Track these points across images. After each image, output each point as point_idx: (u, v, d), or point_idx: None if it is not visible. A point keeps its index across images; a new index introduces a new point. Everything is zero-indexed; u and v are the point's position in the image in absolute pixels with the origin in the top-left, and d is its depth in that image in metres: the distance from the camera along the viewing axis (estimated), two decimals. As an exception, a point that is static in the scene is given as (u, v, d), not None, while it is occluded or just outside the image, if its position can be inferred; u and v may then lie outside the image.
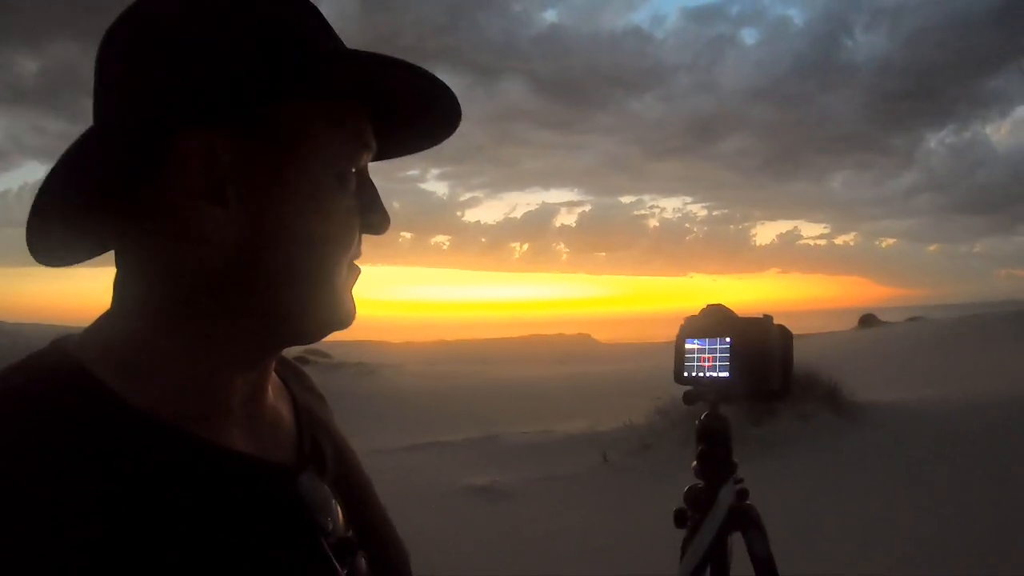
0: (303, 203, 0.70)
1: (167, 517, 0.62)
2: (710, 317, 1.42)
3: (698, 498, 1.38)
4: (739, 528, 1.38)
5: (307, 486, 0.75)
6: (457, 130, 0.82)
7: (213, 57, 0.67)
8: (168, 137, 0.66)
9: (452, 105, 0.77)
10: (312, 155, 0.70)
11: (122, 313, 0.72)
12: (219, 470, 0.69)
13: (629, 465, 10.20)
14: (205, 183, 0.67)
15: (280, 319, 0.73)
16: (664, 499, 1.57)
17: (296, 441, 0.81)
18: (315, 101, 0.71)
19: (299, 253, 0.70)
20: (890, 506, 7.62)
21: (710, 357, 1.39)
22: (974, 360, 18.18)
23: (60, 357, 0.69)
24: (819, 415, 10.68)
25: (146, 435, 0.65)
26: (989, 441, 9.30)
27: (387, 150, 0.82)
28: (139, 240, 0.70)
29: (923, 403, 11.73)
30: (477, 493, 9.12)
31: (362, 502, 0.85)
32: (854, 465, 9.22)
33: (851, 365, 13.21)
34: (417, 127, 0.81)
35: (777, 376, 1.37)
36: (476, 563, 6.63)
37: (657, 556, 2.27)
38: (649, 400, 11.20)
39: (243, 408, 0.75)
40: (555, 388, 20.88)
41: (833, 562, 6.09)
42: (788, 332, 1.40)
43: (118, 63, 0.70)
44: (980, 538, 6.45)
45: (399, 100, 0.75)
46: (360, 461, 0.92)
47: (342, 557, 0.74)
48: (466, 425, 14.33)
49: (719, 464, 1.40)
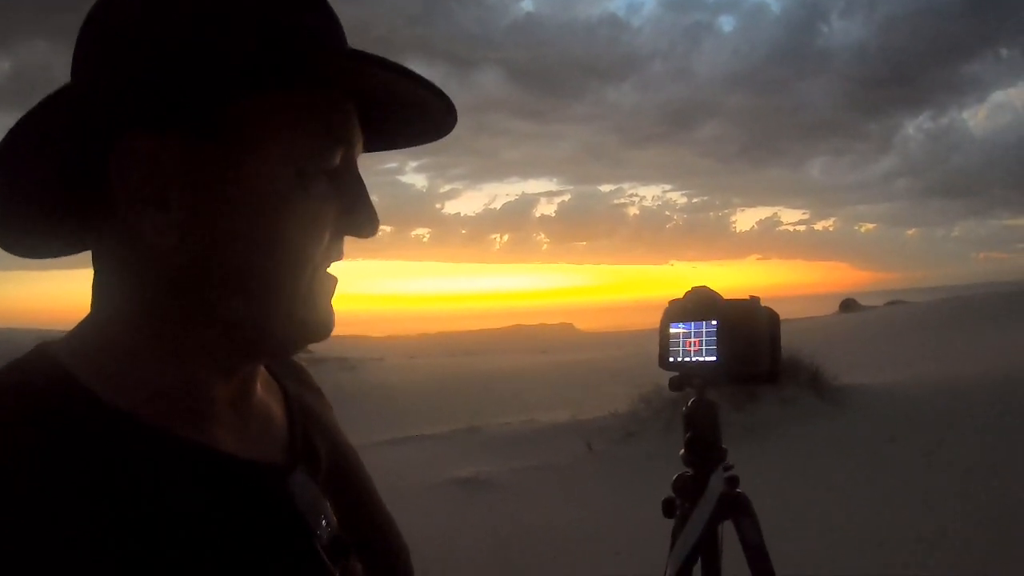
0: (253, 206, 0.66)
1: (152, 519, 0.61)
2: (695, 300, 1.38)
3: (687, 487, 1.35)
4: (730, 516, 1.34)
5: (297, 485, 0.73)
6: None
7: (158, 58, 0.64)
8: (108, 140, 0.64)
9: (444, 107, 0.73)
10: (267, 154, 0.66)
11: (102, 316, 0.71)
12: (205, 471, 0.67)
13: (613, 453, 10.23)
14: (148, 187, 0.65)
15: (241, 328, 0.69)
16: (650, 487, 1.54)
17: (288, 440, 0.79)
18: (277, 94, 0.67)
19: (252, 259, 0.66)
20: (873, 488, 7.67)
21: (696, 341, 1.35)
22: (954, 342, 18.37)
23: (43, 361, 0.68)
24: (802, 399, 10.74)
25: (130, 438, 0.64)
26: (970, 422, 9.39)
27: (377, 143, 0.79)
28: (104, 240, 0.70)
29: (905, 386, 11.83)
30: (462, 485, 9.12)
31: (360, 500, 0.84)
32: (837, 448, 9.27)
33: (833, 349, 13.29)
34: (407, 127, 0.78)
35: (766, 359, 1.34)
36: (462, 555, 6.62)
37: (644, 544, 2.25)
38: (632, 388, 11.23)
39: (231, 408, 0.73)
40: (538, 378, 20.95)
41: (818, 544, 6.12)
42: (775, 314, 1.37)
43: (74, 63, 0.69)
44: (962, 517, 6.50)
45: (382, 99, 0.71)
46: (359, 457, 0.91)
47: (335, 557, 0.72)
48: (450, 417, 14.34)
49: (708, 451, 1.36)
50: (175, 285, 0.67)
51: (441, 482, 9.25)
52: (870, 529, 6.54)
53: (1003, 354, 14.20)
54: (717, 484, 1.33)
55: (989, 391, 10.68)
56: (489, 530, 7.40)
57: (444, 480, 9.32)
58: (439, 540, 6.73)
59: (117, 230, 0.67)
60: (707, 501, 1.31)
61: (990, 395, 10.45)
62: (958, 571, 5.59)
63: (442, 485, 9.14)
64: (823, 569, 5.69)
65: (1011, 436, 8.58)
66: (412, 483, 8.78)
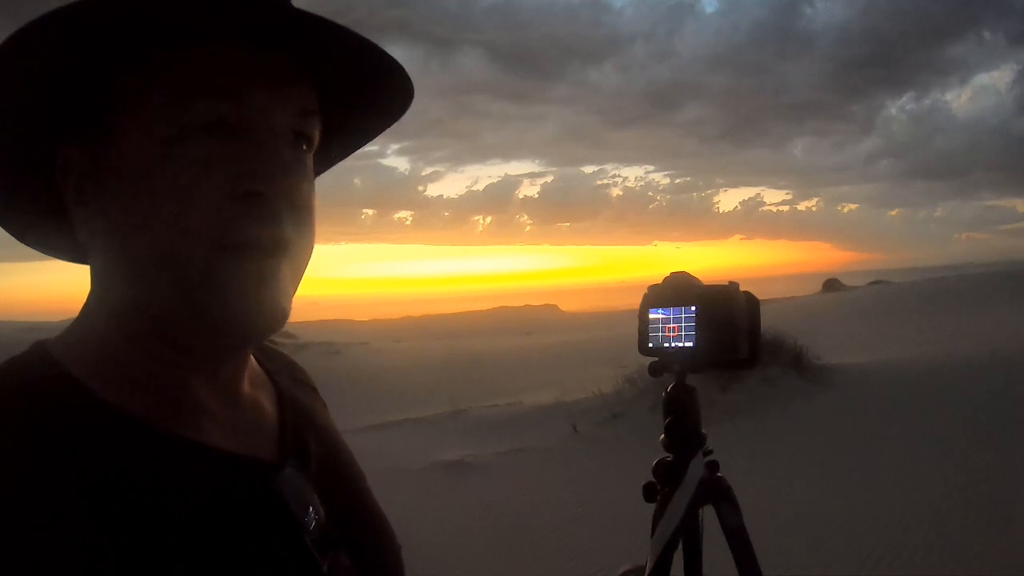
0: (128, 188, 0.65)
1: (144, 514, 0.62)
2: (674, 285, 1.37)
3: (668, 472, 1.35)
4: (710, 501, 1.35)
5: (287, 481, 0.73)
6: (413, 104, 0.76)
7: (41, 77, 0.64)
8: (36, 154, 0.68)
9: (388, 66, 0.70)
10: (129, 130, 0.65)
11: (93, 312, 0.72)
12: (195, 466, 0.68)
13: (599, 435, 10.27)
14: (70, 191, 0.68)
15: (177, 319, 0.67)
16: (635, 468, 1.54)
17: (278, 435, 0.79)
18: (146, 66, 0.64)
19: (146, 244, 0.65)
20: (855, 466, 7.74)
21: (675, 327, 1.35)
22: (937, 322, 18.53)
23: (39, 358, 0.69)
24: (785, 379, 10.82)
25: (122, 433, 0.65)
26: (952, 400, 9.49)
27: (346, 133, 0.79)
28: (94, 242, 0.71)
29: (887, 365, 11.92)
30: (448, 468, 9.14)
31: (351, 496, 0.84)
32: (821, 427, 9.35)
33: (816, 329, 13.40)
34: (369, 104, 0.76)
35: (745, 344, 1.33)
36: (449, 538, 6.64)
37: (629, 525, 2.25)
38: (616, 369, 11.27)
39: (220, 404, 0.73)
40: (523, 360, 21.00)
41: (802, 525, 6.17)
42: (755, 299, 1.36)
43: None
44: (946, 495, 6.57)
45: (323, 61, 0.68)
46: (352, 453, 0.91)
47: (323, 551, 0.72)
48: (435, 401, 14.37)
49: (688, 436, 1.36)
50: (120, 280, 0.69)
51: (427, 466, 9.27)
52: (852, 507, 6.59)
53: (985, 333, 14.35)
54: (697, 469, 1.33)
55: (972, 370, 10.79)
56: (475, 513, 7.43)
57: (430, 463, 9.33)
58: (425, 523, 6.75)
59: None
60: (687, 486, 1.31)
61: (973, 374, 10.56)
62: (939, 548, 5.65)
63: (428, 468, 9.16)
64: (805, 548, 5.74)
65: (993, 415, 8.68)
66: (398, 467, 8.80)
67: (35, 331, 2.61)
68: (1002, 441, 7.79)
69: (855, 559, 5.63)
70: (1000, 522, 5.89)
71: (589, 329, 33.14)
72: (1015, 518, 5.89)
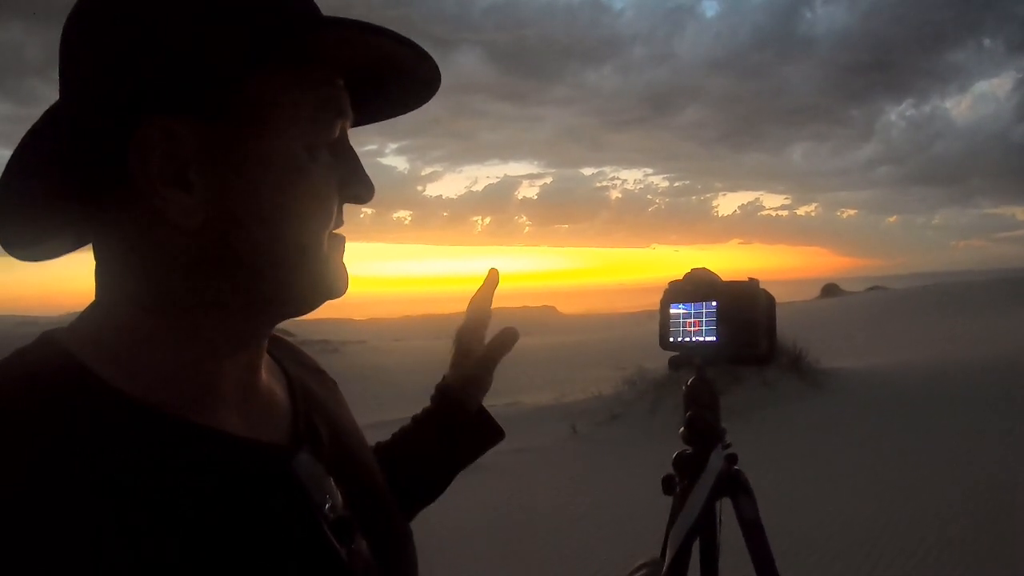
0: (272, 180, 0.68)
1: (162, 503, 0.62)
2: (695, 281, 1.40)
3: (687, 464, 1.37)
4: (728, 494, 1.37)
5: (303, 466, 0.74)
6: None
7: (169, 43, 0.64)
8: (125, 127, 0.65)
9: (432, 74, 0.76)
10: (279, 130, 0.68)
11: (108, 303, 0.71)
12: (214, 454, 0.68)
13: (598, 436, 10.27)
14: (168, 169, 0.66)
15: (264, 299, 0.71)
16: (634, 468, 1.56)
17: (291, 421, 0.80)
18: (283, 72, 0.68)
19: (273, 232, 0.69)
20: (853, 469, 7.75)
21: (696, 321, 1.37)
22: (934, 328, 18.53)
23: (50, 349, 0.68)
24: (784, 382, 10.83)
25: (139, 422, 0.65)
26: (950, 405, 9.50)
27: (364, 116, 0.80)
28: (116, 230, 0.70)
29: (885, 369, 11.95)
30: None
31: (364, 481, 0.84)
32: (819, 430, 9.37)
33: (814, 333, 13.38)
34: (393, 95, 0.80)
35: (764, 340, 1.36)
36: (449, 537, 6.64)
37: (628, 525, 2.27)
38: (615, 370, 11.28)
39: (237, 390, 0.74)
40: (521, 360, 20.90)
41: (799, 526, 6.17)
42: (772, 296, 1.39)
43: (77, 48, 0.69)
44: (942, 500, 6.58)
45: (378, 69, 0.74)
46: (364, 439, 0.92)
47: (341, 537, 0.73)
48: (434, 400, 14.30)
49: (708, 429, 1.38)
50: (194, 265, 0.68)
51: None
52: (850, 510, 6.60)
53: (982, 339, 14.36)
54: (716, 462, 1.35)
55: (969, 375, 10.81)
56: (474, 513, 7.42)
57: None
58: (423, 523, 6.72)
59: (131, 218, 0.68)
60: (707, 478, 1.33)
61: (970, 379, 10.57)
62: (937, 550, 5.66)
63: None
64: (803, 550, 5.75)
65: (990, 418, 8.70)
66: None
67: (31, 325, 2.60)
68: (1001, 445, 7.80)
69: (854, 561, 5.64)
70: (999, 522, 5.90)
71: (587, 331, 33.13)
72: (1016, 523, 5.90)
